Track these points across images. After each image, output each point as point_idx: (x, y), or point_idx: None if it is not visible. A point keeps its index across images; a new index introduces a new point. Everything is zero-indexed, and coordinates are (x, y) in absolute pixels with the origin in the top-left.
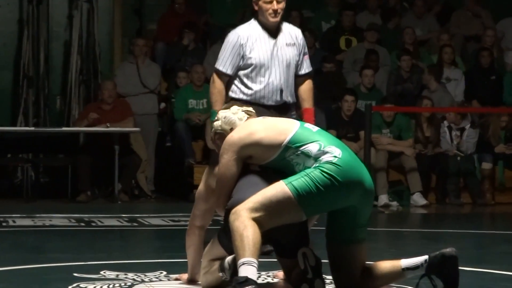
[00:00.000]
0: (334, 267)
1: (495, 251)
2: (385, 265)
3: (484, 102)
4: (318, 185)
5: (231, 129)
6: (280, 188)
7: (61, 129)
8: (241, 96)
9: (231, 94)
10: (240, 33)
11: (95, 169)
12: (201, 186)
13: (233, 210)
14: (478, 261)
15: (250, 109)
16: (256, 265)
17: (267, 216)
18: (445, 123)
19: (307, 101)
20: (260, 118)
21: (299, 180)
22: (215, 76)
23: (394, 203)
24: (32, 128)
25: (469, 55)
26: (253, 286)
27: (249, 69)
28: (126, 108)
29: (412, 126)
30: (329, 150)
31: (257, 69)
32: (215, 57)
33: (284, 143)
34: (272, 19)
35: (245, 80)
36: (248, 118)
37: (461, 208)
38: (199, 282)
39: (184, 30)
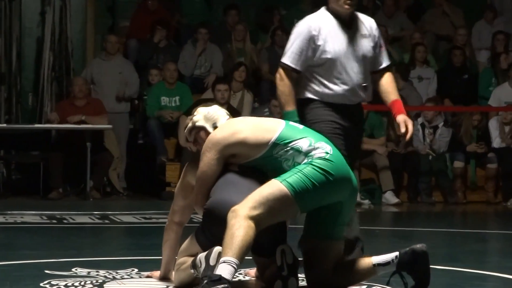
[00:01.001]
0: (308, 264)
1: (466, 249)
2: (356, 261)
3: (456, 101)
4: (313, 180)
5: (214, 125)
6: (276, 186)
7: (33, 126)
8: (319, 97)
9: (307, 94)
10: (311, 23)
11: (67, 166)
12: (179, 183)
13: (233, 209)
14: (449, 259)
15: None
16: (235, 266)
17: (265, 215)
18: (419, 121)
19: (393, 93)
20: (241, 117)
21: (293, 177)
22: (282, 73)
23: (366, 202)
24: (4, 125)
25: (441, 54)
26: (225, 285)
27: (324, 65)
28: (99, 105)
29: (384, 124)
30: (319, 146)
31: (333, 64)
32: (187, 57)
33: (272, 140)
34: (347, 6)
35: (320, 78)
36: (229, 117)
37: (433, 206)
38: (172, 279)
39: (156, 27)
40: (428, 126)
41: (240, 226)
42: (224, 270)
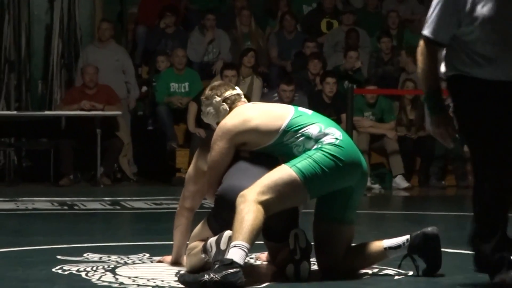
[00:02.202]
0: (320, 248)
1: None
2: (368, 245)
3: None
4: (322, 166)
5: (217, 123)
6: (285, 172)
7: (43, 113)
8: (471, 73)
9: (454, 70)
10: None
11: (78, 153)
12: (190, 168)
13: (241, 193)
14: (461, 242)
15: (238, 92)
16: (246, 250)
17: (274, 200)
18: None
19: None
20: (250, 104)
21: (302, 162)
22: (422, 46)
23: (376, 186)
24: (14, 112)
25: None
26: (237, 269)
27: (474, 33)
28: (111, 93)
29: (394, 108)
30: (329, 132)
31: (485, 31)
32: (195, 43)
33: (282, 128)
34: None
35: (470, 48)
36: (230, 106)
37: (444, 190)
38: (184, 264)
39: (164, 13)
40: None
41: (249, 210)
42: (235, 255)
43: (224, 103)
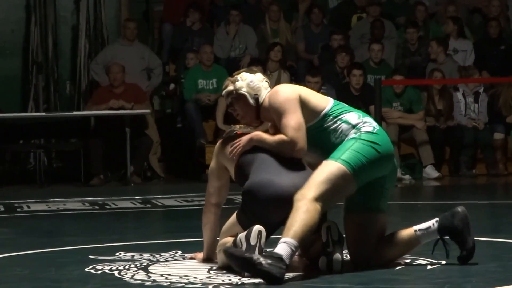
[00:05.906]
0: (353, 238)
1: (509, 220)
2: (398, 232)
3: (494, 72)
4: (365, 155)
5: (255, 95)
6: (334, 166)
7: (72, 114)
8: None
9: None
10: None
11: (107, 153)
12: (212, 164)
13: (299, 193)
14: (492, 231)
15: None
16: (294, 248)
17: (330, 195)
18: (460, 90)
19: None
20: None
21: (346, 154)
22: None
23: (407, 177)
24: (43, 114)
25: (476, 26)
26: (283, 267)
27: None
28: (139, 91)
29: (422, 98)
30: (367, 120)
31: None
32: (221, 39)
33: (325, 110)
34: None
35: None
36: (270, 89)
37: (474, 179)
38: (216, 261)
39: (190, 10)
40: (470, 94)
41: (306, 209)
42: (283, 251)
43: (267, 83)
